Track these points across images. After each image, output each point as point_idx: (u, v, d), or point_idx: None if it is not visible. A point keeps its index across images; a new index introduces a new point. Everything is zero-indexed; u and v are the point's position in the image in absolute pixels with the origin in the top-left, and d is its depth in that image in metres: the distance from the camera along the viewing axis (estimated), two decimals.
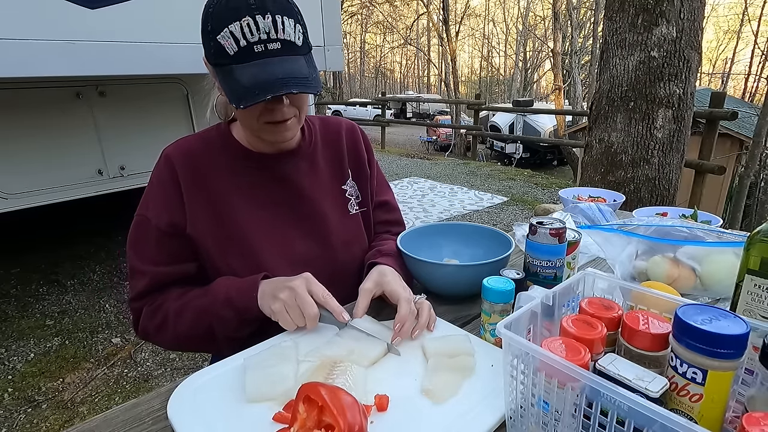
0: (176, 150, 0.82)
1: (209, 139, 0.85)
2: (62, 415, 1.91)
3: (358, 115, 16.60)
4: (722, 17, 26.84)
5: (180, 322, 0.79)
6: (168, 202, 0.79)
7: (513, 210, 4.90)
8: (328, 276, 0.85)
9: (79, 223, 4.08)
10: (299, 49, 0.72)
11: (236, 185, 0.83)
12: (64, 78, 2.13)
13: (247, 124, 0.80)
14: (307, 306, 0.70)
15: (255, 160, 0.85)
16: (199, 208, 0.80)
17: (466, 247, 1.01)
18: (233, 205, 0.82)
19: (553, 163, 12.64)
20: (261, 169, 0.85)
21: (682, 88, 2.71)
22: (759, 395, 0.44)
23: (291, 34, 0.70)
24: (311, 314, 0.70)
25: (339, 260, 0.90)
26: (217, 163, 0.83)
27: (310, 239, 0.88)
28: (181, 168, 0.80)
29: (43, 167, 2.36)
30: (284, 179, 0.87)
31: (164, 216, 0.79)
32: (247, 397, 0.60)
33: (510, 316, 0.53)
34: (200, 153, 0.83)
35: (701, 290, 0.82)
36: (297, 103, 0.77)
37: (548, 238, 0.78)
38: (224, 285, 0.78)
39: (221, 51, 0.69)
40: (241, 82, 0.68)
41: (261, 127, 0.77)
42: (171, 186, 0.80)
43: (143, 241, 0.80)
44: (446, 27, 14.40)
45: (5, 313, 2.69)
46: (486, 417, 0.56)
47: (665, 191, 2.89)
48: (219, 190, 0.82)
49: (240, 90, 0.68)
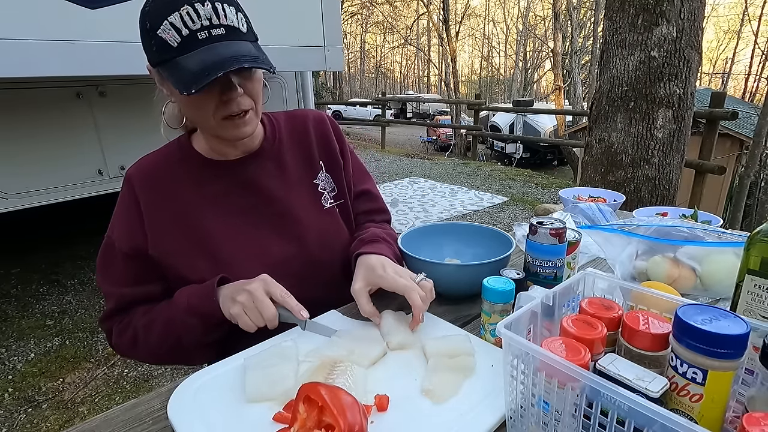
0: (137, 170, 0.81)
1: (169, 154, 0.83)
2: (62, 415, 1.91)
3: (358, 115, 16.62)
4: (722, 17, 26.86)
5: (150, 336, 0.78)
6: (129, 225, 0.79)
7: (513, 210, 4.90)
8: (307, 274, 0.85)
9: (79, 223, 4.08)
10: (245, 35, 0.71)
11: (201, 196, 0.82)
12: (64, 78, 2.13)
13: (204, 124, 0.77)
14: (264, 307, 0.70)
15: (217, 168, 0.83)
16: (163, 226, 0.79)
17: (467, 247, 1.01)
18: (200, 216, 0.81)
19: (553, 163, 12.65)
20: (224, 176, 0.83)
21: (682, 88, 2.71)
22: (759, 395, 0.44)
23: (234, 20, 0.68)
24: (269, 315, 0.70)
25: (317, 258, 0.88)
26: (179, 177, 0.81)
27: (284, 240, 0.85)
28: (141, 189, 0.79)
29: (43, 167, 2.36)
30: (250, 183, 0.84)
31: (125, 239, 0.78)
32: (247, 397, 0.60)
33: (510, 316, 0.53)
34: (161, 169, 0.81)
35: (701, 290, 0.82)
36: (251, 93, 0.74)
37: (548, 238, 0.78)
38: (185, 293, 0.77)
39: (164, 45, 0.66)
40: (188, 69, 0.66)
41: (218, 124, 0.74)
42: (132, 208, 0.79)
43: (109, 264, 0.81)
44: (446, 27, 14.40)
45: (5, 313, 2.69)
46: (486, 417, 0.56)
47: (665, 191, 2.89)
48: (184, 204, 0.80)
49: (188, 76, 0.65)
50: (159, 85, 0.77)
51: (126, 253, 0.78)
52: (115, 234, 0.79)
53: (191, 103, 0.73)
